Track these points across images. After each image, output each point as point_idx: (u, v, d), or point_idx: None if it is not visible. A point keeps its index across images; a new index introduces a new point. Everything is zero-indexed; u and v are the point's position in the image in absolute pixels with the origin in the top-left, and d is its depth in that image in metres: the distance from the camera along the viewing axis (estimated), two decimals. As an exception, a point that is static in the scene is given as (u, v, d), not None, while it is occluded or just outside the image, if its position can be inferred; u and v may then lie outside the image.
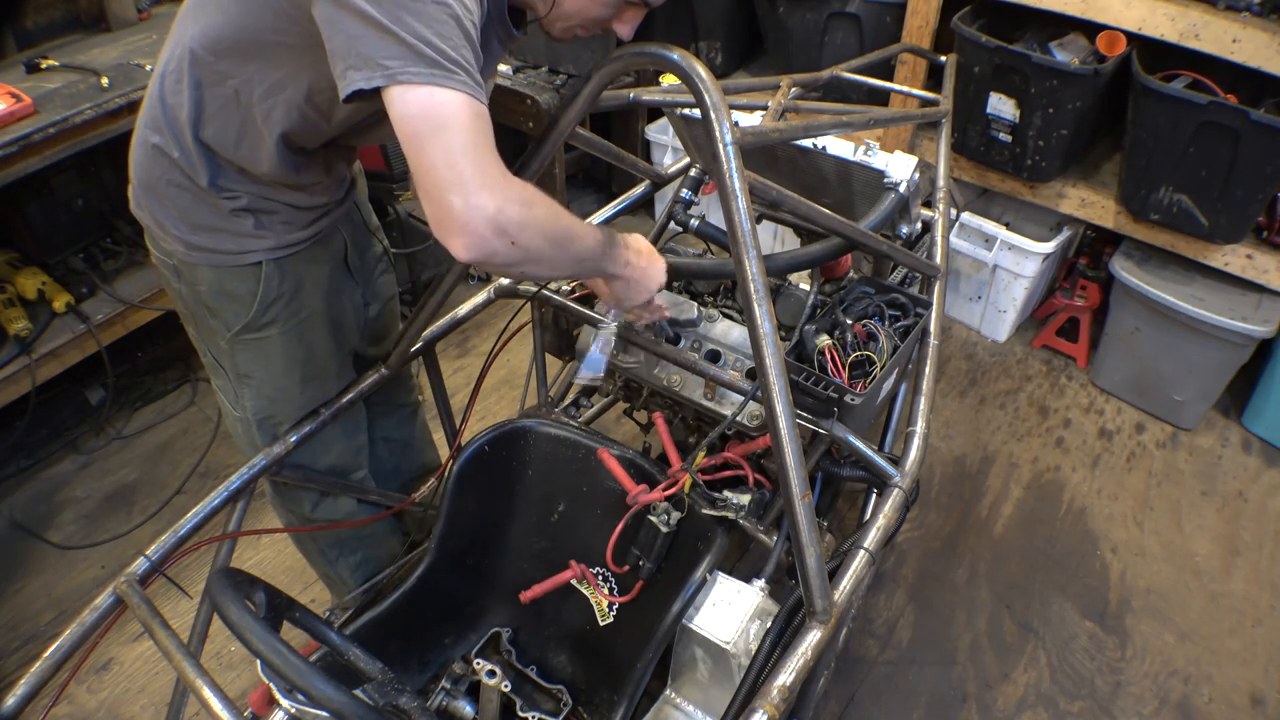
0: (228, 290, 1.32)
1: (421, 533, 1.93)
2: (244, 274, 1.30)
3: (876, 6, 2.78)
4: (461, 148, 0.93)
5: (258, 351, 1.39)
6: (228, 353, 1.39)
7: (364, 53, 0.92)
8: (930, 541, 2.29)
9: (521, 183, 1.00)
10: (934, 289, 1.60)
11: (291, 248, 1.32)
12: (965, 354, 2.97)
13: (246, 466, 1.36)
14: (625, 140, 3.37)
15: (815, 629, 1.05)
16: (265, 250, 1.29)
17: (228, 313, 1.34)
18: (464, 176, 0.93)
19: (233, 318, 1.34)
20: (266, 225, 1.28)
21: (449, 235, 0.95)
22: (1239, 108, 2.12)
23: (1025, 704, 1.94)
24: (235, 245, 1.28)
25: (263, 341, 1.37)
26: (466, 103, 0.94)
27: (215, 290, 1.32)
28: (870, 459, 1.33)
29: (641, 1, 1.13)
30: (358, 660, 1.16)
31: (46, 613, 2.07)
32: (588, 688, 1.43)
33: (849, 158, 1.55)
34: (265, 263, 1.30)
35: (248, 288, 1.31)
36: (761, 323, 1.04)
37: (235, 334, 1.36)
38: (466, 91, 0.94)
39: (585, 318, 1.55)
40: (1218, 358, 2.51)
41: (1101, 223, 2.65)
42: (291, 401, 1.44)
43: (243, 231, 1.27)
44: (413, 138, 0.93)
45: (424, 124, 0.93)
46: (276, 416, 1.44)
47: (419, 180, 0.95)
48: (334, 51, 0.95)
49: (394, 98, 0.92)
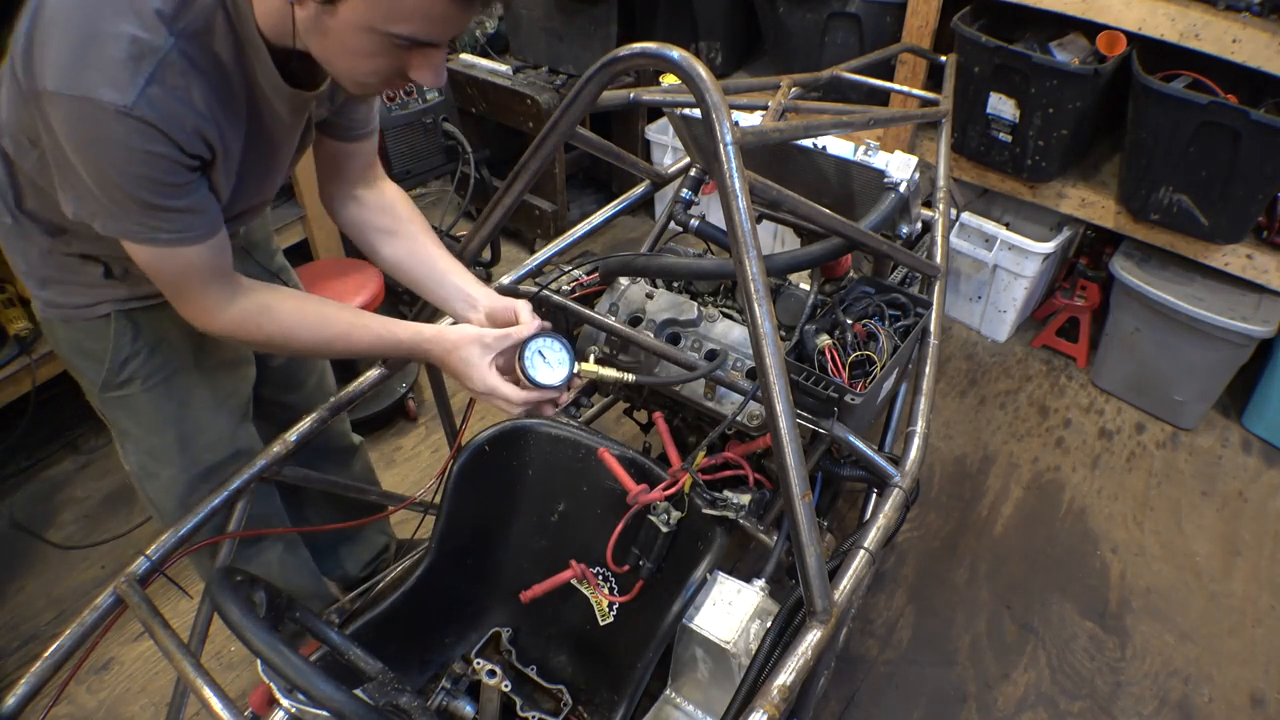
0: (83, 348, 1.27)
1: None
2: (96, 329, 1.24)
3: (876, 6, 2.78)
4: (174, 293, 1.10)
5: (126, 409, 1.34)
6: (102, 410, 1.35)
7: (91, 208, 1.01)
8: (930, 541, 2.29)
9: (250, 307, 1.13)
10: (934, 289, 1.60)
11: (148, 300, 1.24)
12: (965, 354, 2.97)
13: (247, 466, 1.35)
14: (625, 140, 3.37)
15: (815, 629, 1.04)
16: (116, 301, 1.23)
17: (88, 370, 1.29)
18: (187, 314, 1.12)
19: (93, 376, 1.29)
20: (117, 274, 1.21)
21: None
22: (1239, 108, 2.12)
23: (1025, 704, 1.94)
24: (85, 297, 1.21)
25: (128, 399, 1.32)
26: (167, 255, 1.04)
27: (72, 348, 1.27)
28: (870, 459, 1.33)
29: (431, 41, 0.98)
30: (358, 660, 1.16)
31: (46, 613, 2.07)
32: (588, 688, 1.43)
33: (849, 158, 1.55)
34: (115, 315, 1.23)
35: (101, 344, 1.25)
36: (761, 323, 1.04)
37: (99, 393, 1.31)
38: (167, 244, 1.02)
39: (585, 318, 1.55)
40: (1218, 358, 2.51)
41: (1101, 223, 2.65)
42: (172, 461, 1.38)
43: (92, 281, 1.20)
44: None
45: (148, 270, 1.06)
46: (160, 476, 1.39)
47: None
48: (61, 187, 1.03)
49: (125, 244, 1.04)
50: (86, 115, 0.90)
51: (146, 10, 0.91)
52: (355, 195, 1.35)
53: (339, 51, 0.99)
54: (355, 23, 0.93)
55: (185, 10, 0.93)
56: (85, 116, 0.91)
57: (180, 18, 0.93)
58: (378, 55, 0.98)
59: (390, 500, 1.69)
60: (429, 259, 1.33)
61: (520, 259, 2.31)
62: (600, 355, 1.61)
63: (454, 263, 1.34)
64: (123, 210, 0.99)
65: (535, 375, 1.21)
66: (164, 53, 0.92)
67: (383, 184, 1.37)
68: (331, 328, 1.17)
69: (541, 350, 1.22)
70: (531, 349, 1.21)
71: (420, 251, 1.33)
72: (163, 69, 0.92)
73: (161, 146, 0.94)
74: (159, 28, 0.91)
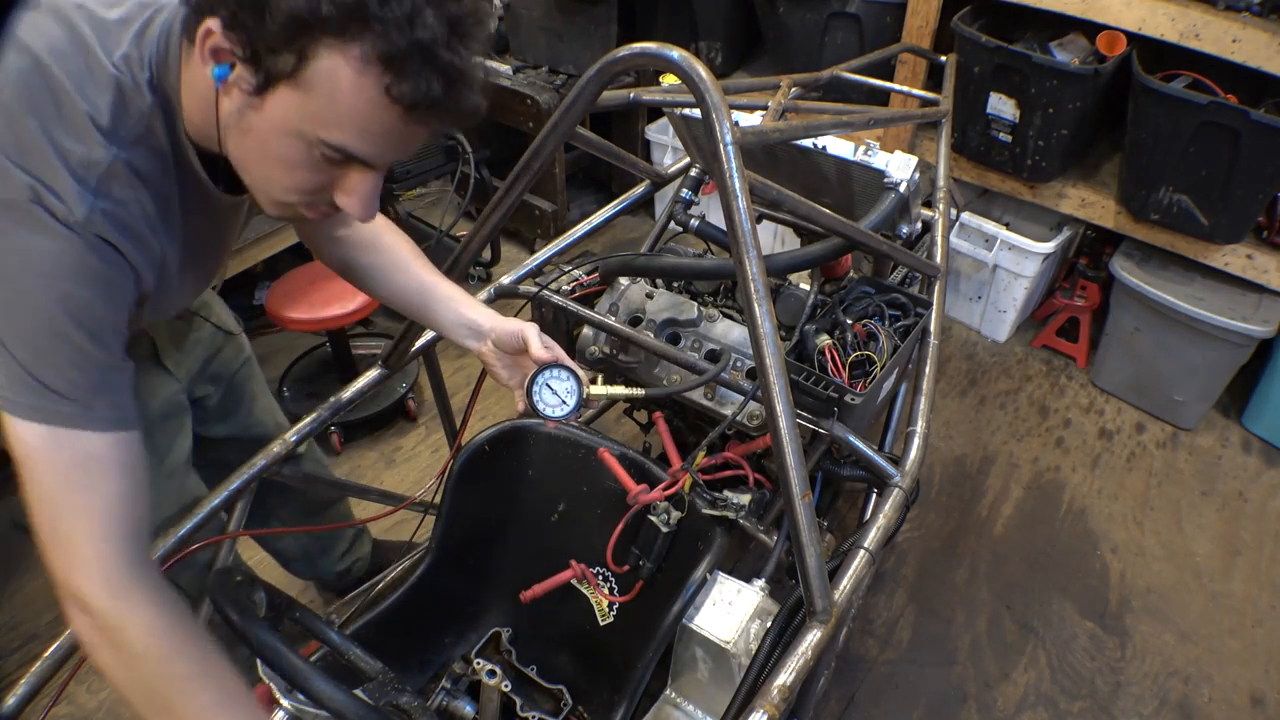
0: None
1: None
2: None
3: (876, 6, 2.78)
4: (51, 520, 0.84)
5: None
6: None
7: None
8: (930, 541, 2.29)
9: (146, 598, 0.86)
10: (934, 289, 1.60)
11: None
12: (965, 354, 2.97)
13: (247, 466, 1.35)
14: (625, 140, 3.37)
15: (815, 629, 1.04)
16: None
17: None
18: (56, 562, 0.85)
19: None
20: None
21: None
22: (1239, 108, 2.12)
23: (1025, 704, 1.94)
24: None
25: None
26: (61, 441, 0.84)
27: None
28: (870, 459, 1.33)
29: (342, 148, 0.83)
30: (358, 660, 1.16)
31: (46, 613, 2.07)
32: (588, 688, 1.43)
33: (849, 158, 1.55)
34: None
35: None
36: (761, 323, 1.04)
37: None
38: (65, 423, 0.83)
39: (585, 318, 1.55)
40: (1217, 358, 2.51)
41: (1101, 223, 2.65)
42: None
43: None
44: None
45: (29, 472, 0.84)
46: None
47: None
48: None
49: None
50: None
51: (82, 120, 0.82)
52: (336, 236, 1.26)
53: (259, 157, 0.86)
54: (282, 122, 0.81)
55: (124, 117, 0.84)
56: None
57: (120, 125, 0.84)
58: (301, 168, 0.85)
59: (390, 500, 1.69)
60: (425, 289, 1.27)
61: (520, 259, 2.31)
62: (601, 354, 1.60)
63: (452, 288, 1.29)
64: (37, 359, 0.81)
65: (546, 410, 1.22)
66: (107, 164, 0.83)
67: None
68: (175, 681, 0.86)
69: (549, 383, 1.22)
70: (540, 382, 1.22)
71: (415, 282, 1.27)
72: (107, 180, 0.83)
73: (114, 266, 0.84)
74: (96, 138, 0.82)
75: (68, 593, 0.84)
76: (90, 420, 0.84)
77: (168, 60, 0.87)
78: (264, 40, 0.76)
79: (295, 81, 0.78)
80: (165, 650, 0.83)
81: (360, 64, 0.77)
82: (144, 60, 0.86)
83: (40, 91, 0.81)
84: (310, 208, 0.91)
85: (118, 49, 0.85)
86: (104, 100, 0.83)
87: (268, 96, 0.80)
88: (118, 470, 0.86)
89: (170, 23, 0.87)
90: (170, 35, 0.87)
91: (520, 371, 1.26)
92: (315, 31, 0.75)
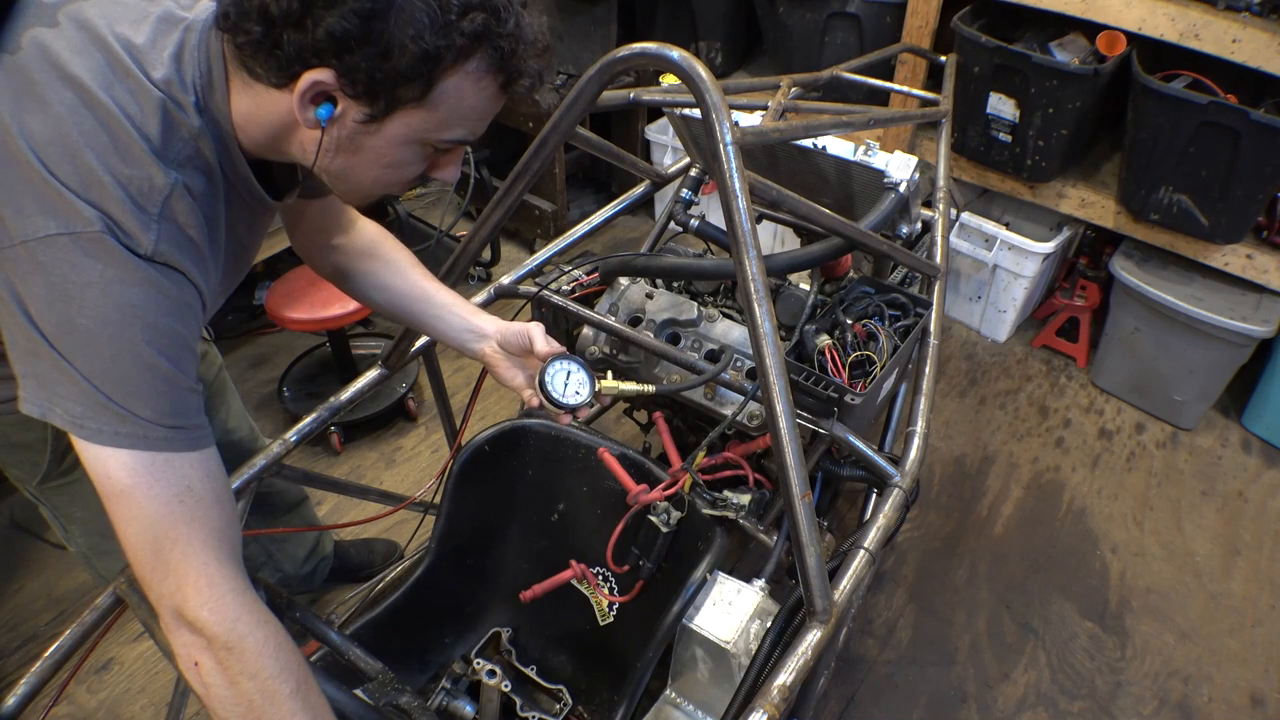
0: (13, 441, 1.17)
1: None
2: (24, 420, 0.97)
3: (876, 6, 2.78)
4: (154, 546, 0.85)
5: (71, 495, 1.27)
6: (40, 498, 1.28)
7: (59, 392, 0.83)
8: (930, 541, 2.29)
9: (254, 610, 0.87)
10: (934, 289, 1.60)
11: None
12: (965, 354, 2.97)
13: (246, 466, 1.35)
14: (625, 140, 3.37)
15: (815, 629, 1.04)
16: None
17: (20, 463, 1.21)
18: (168, 591, 0.86)
19: (27, 467, 1.21)
20: None
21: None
22: (1239, 108, 2.12)
23: (1025, 704, 1.94)
24: (8, 390, 1.02)
25: (72, 485, 1.25)
26: (161, 469, 0.85)
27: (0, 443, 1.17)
28: (870, 459, 1.33)
29: (460, 139, 0.91)
30: (358, 660, 1.16)
31: (46, 613, 2.07)
32: (588, 688, 1.43)
33: (849, 158, 1.55)
34: None
35: (35, 435, 1.16)
36: (761, 323, 1.04)
37: (38, 484, 1.24)
38: (164, 446, 0.84)
39: (585, 318, 1.55)
40: (1217, 358, 2.51)
41: (1101, 223, 2.65)
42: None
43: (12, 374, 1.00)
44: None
45: (118, 505, 0.84)
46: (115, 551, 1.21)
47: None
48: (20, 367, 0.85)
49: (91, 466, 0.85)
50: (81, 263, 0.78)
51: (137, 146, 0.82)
52: (332, 244, 1.25)
53: (369, 165, 0.90)
54: (403, 137, 0.87)
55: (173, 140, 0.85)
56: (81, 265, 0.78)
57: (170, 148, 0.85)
58: (414, 164, 0.92)
59: (390, 500, 1.69)
60: (424, 295, 1.27)
61: (520, 259, 2.31)
62: (601, 354, 1.60)
63: (450, 295, 1.29)
64: (122, 391, 0.81)
65: (558, 397, 1.21)
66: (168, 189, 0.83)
67: (359, 224, 1.28)
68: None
69: (562, 374, 1.22)
70: (552, 371, 1.21)
71: (413, 289, 1.27)
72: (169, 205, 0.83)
73: (188, 294, 0.85)
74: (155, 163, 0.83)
75: (179, 617, 0.85)
76: (183, 442, 0.85)
77: (212, 82, 0.87)
78: (386, 78, 0.81)
79: (420, 104, 0.84)
80: (274, 669, 0.85)
81: (479, 73, 0.85)
82: (186, 84, 0.86)
83: (93, 122, 0.80)
84: (401, 190, 0.97)
85: (155, 71, 0.84)
86: (153, 125, 0.83)
87: (386, 121, 0.85)
88: (215, 493, 0.88)
89: (204, 43, 0.87)
90: (211, 58, 0.87)
91: (525, 371, 1.26)
92: (445, 62, 0.81)
